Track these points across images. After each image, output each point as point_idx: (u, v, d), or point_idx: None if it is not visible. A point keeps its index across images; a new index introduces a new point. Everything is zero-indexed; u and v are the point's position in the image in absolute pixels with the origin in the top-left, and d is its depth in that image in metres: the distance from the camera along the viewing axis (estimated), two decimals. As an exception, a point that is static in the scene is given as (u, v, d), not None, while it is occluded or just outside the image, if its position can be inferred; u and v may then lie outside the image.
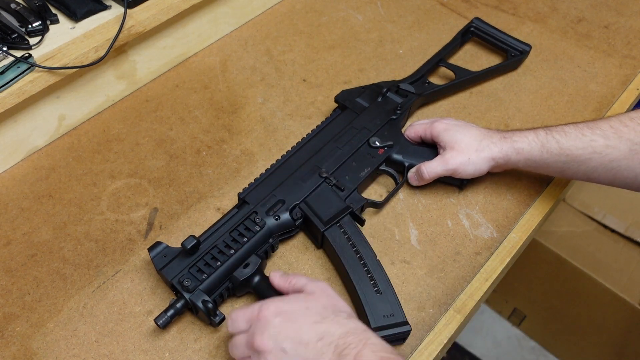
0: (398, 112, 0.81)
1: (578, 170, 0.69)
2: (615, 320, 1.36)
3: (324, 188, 0.72)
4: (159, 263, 0.64)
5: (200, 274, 0.63)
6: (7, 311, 0.66)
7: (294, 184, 0.72)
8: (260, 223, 0.68)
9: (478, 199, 0.78)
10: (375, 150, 0.77)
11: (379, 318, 0.62)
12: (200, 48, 0.97)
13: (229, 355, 0.63)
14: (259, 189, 0.72)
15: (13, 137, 0.78)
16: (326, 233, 0.68)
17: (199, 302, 0.61)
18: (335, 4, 1.05)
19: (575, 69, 0.95)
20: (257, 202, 0.70)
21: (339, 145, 0.77)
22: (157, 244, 0.65)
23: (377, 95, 0.83)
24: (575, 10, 1.05)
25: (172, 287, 0.64)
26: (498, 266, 0.71)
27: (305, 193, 0.71)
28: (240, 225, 0.67)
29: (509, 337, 1.64)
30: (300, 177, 0.73)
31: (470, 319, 0.69)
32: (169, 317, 0.61)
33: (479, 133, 0.73)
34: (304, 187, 0.72)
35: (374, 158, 0.77)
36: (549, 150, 0.69)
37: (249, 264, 0.65)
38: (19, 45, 0.75)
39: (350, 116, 0.81)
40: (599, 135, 0.66)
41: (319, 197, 0.71)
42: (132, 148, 0.83)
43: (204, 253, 0.65)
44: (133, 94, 0.90)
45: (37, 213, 0.75)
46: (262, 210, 0.69)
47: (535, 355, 1.61)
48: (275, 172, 0.74)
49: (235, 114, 0.88)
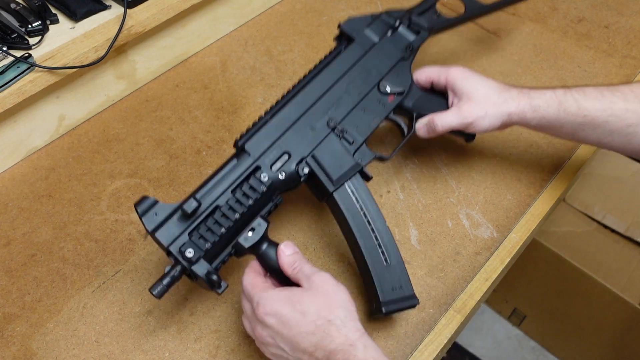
0: (409, 53, 0.73)
1: (592, 134, 0.66)
2: (615, 320, 1.36)
3: (332, 139, 0.64)
4: (150, 223, 0.56)
5: (202, 241, 0.56)
6: (7, 311, 0.66)
7: (301, 133, 0.63)
8: (266, 182, 0.59)
9: (478, 199, 0.78)
10: (386, 97, 0.69)
11: (388, 291, 0.60)
12: (200, 48, 0.96)
13: (229, 356, 0.63)
14: (261, 137, 0.62)
15: (13, 137, 0.78)
16: (335, 195, 0.62)
17: (203, 274, 0.55)
18: (335, 4, 1.04)
19: (575, 69, 0.95)
20: (259, 153, 0.61)
21: (347, 89, 0.68)
22: (145, 199, 0.56)
23: (388, 28, 0.74)
24: (575, 10, 1.05)
25: (169, 253, 0.57)
26: (498, 266, 0.71)
27: (313, 144, 0.63)
28: (244, 185, 0.59)
29: (509, 337, 1.64)
30: (307, 124, 0.64)
31: (470, 319, 0.69)
32: (165, 286, 0.55)
33: (497, 85, 0.69)
34: (311, 138, 0.63)
35: (384, 106, 0.69)
36: (566, 109, 0.65)
37: (254, 228, 0.59)
38: (18, 45, 0.75)
39: (357, 51, 0.71)
40: (619, 97, 0.64)
41: (327, 150, 0.63)
42: (132, 148, 0.83)
43: (203, 215, 0.57)
44: (133, 94, 0.90)
45: (37, 213, 0.75)
46: (266, 164, 0.61)
47: (535, 355, 1.61)
48: (277, 117, 0.64)
49: (235, 114, 0.88)
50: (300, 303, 0.53)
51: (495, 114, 0.68)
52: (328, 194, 0.63)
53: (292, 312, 0.53)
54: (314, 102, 0.66)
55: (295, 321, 0.53)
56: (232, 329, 0.65)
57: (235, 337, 0.65)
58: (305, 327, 0.52)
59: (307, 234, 0.74)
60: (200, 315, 0.66)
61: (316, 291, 0.55)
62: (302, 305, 0.53)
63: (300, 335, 0.52)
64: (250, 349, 0.64)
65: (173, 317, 0.66)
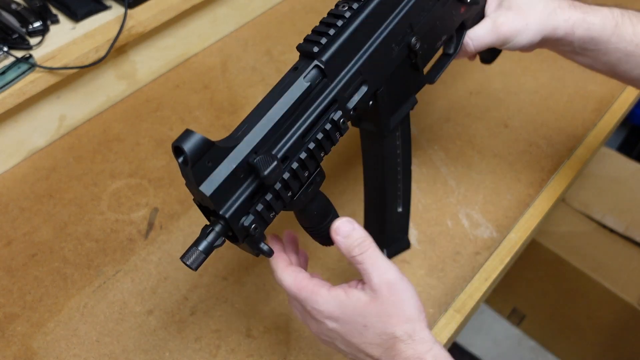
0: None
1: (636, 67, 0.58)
2: (614, 320, 1.36)
3: (405, 66, 0.51)
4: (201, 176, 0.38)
5: (268, 213, 0.42)
6: (7, 311, 0.66)
7: (382, 53, 0.48)
8: (344, 128, 0.45)
9: (478, 199, 0.78)
10: (459, 5, 0.55)
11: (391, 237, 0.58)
12: (200, 48, 0.97)
13: (229, 356, 0.63)
14: (341, 52, 0.45)
15: (14, 137, 0.78)
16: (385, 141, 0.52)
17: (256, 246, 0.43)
18: (335, 4, 1.04)
19: (575, 69, 0.95)
20: (337, 78, 0.45)
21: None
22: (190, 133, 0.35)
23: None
24: (574, 10, 1.05)
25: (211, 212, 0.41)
26: (498, 266, 0.71)
27: (389, 70, 0.49)
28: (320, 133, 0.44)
29: (509, 336, 1.64)
30: (392, 41, 0.48)
31: (470, 319, 0.69)
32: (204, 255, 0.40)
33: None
34: (389, 60, 0.49)
35: (454, 19, 0.55)
36: (620, 34, 0.57)
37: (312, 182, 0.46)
38: (19, 46, 0.75)
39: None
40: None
41: (398, 81, 0.50)
42: (133, 148, 0.83)
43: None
44: (133, 94, 0.90)
45: (38, 213, 0.75)
46: (343, 97, 0.45)
47: (535, 355, 1.61)
48: (356, 24, 0.47)
49: (235, 114, 0.88)
50: (364, 315, 0.46)
51: (539, 26, 0.56)
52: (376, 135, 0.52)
53: (354, 322, 0.46)
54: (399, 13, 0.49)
55: (357, 332, 0.46)
56: (232, 329, 0.66)
57: (235, 337, 0.65)
58: (369, 339, 0.46)
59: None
60: (201, 315, 0.66)
61: (383, 303, 0.46)
62: (365, 318, 0.46)
63: (364, 345, 0.47)
64: (250, 348, 0.64)
65: (173, 317, 0.66)
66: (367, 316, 0.46)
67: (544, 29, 0.57)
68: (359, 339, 0.46)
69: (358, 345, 0.47)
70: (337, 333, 0.47)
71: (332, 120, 0.44)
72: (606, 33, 0.57)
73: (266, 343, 0.64)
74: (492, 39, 0.57)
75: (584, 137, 0.85)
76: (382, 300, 0.45)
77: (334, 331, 0.47)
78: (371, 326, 0.46)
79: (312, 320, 0.49)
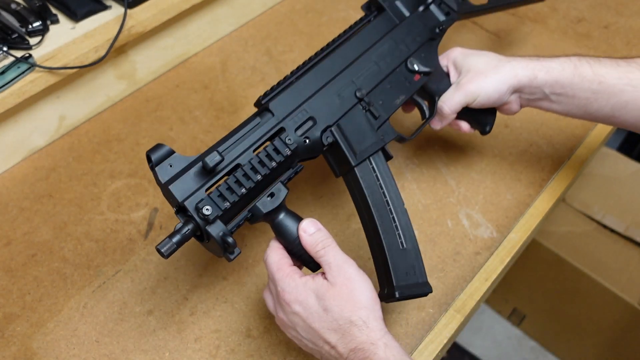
0: (438, 32, 0.72)
1: (606, 104, 0.63)
2: (614, 320, 1.36)
3: (358, 112, 0.62)
4: (164, 174, 0.52)
5: (221, 200, 0.52)
6: (7, 311, 0.66)
7: (328, 99, 0.60)
8: (291, 145, 0.56)
9: (478, 199, 0.78)
10: (412, 75, 0.67)
11: (402, 275, 0.58)
12: (200, 48, 0.97)
13: (229, 356, 0.63)
14: (286, 98, 0.59)
15: (13, 137, 0.78)
16: (357, 169, 0.60)
17: (217, 235, 0.51)
18: (335, 4, 1.05)
19: (575, 69, 0.95)
20: (284, 115, 0.58)
21: (376, 60, 0.65)
22: (160, 147, 0.52)
23: (419, 3, 0.73)
24: (575, 10, 1.05)
25: (181, 209, 0.53)
26: (498, 266, 0.71)
27: (339, 113, 0.60)
28: (268, 145, 0.56)
29: (509, 337, 1.64)
30: (335, 91, 0.61)
31: (470, 319, 0.69)
32: (175, 245, 0.50)
33: (499, 55, 0.67)
34: (337, 106, 0.61)
35: (410, 84, 0.67)
36: (581, 74, 0.62)
37: (274, 194, 0.56)
38: (19, 46, 0.75)
39: (388, 23, 0.69)
40: (635, 68, 0.62)
41: (352, 121, 0.61)
42: (133, 148, 0.83)
43: (223, 172, 0.54)
44: (133, 94, 0.90)
45: (38, 213, 0.75)
46: (291, 127, 0.58)
47: (535, 355, 1.61)
48: (304, 78, 0.61)
49: (235, 114, 0.88)
50: (324, 299, 0.52)
51: (499, 76, 0.64)
52: (349, 168, 0.60)
53: (316, 305, 0.52)
54: (343, 68, 0.63)
55: (318, 315, 0.52)
56: (232, 329, 0.65)
57: (235, 337, 0.65)
58: (328, 324, 0.51)
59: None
60: (200, 315, 0.66)
61: (340, 289, 0.52)
62: (326, 301, 0.52)
63: (323, 330, 0.52)
64: (250, 348, 0.64)
65: (173, 317, 0.66)
66: (327, 299, 0.51)
67: (506, 78, 0.64)
68: (318, 323, 0.52)
69: (318, 330, 0.52)
70: (300, 317, 0.52)
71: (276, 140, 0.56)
72: (567, 74, 0.63)
73: (266, 343, 0.64)
74: (460, 97, 0.66)
75: (584, 137, 0.85)
76: (340, 287, 0.52)
77: (298, 315, 0.52)
78: (330, 310, 0.51)
79: (279, 306, 0.54)
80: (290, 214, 0.57)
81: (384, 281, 0.60)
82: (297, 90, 0.60)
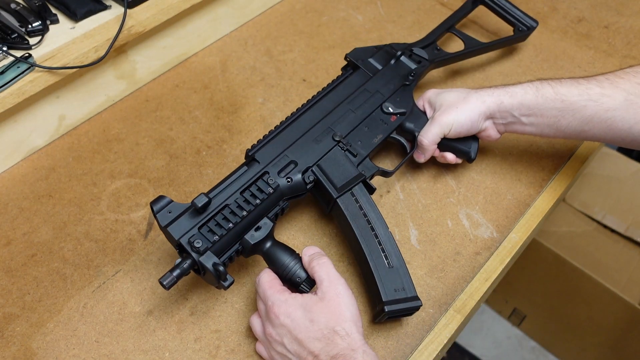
0: (411, 79, 0.79)
1: (573, 120, 0.67)
2: (615, 320, 1.36)
3: (337, 152, 0.70)
4: (163, 219, 0.61)
5: (211, 234, 0.60)
6: (7, 311, 0.66)
7: (307, 145, 0.69)
8: (273, 185, 0.65)
9: (478, 199, 0.78)
10: (388, 116, 0.75)
11: (390, 291, 0.62)
12: (200, 48, 0.97)
13: (229, 356, 0.63)
14: (270, 148, 0.68)
15: (13, 137, 0.78)
16: (339, 200, 0.67)
17: (209, 264, 0.58)
18: (335, 4, 1.05)
19: (575, 69, 0.95)
20: (268, 161, 0.67)
21: (352, 108, 0.74)
22: (161, 198, 0.61)
23: (391, 57, 0.81)
24: (575, 10, 1.05)
25: (179, 246, 0.61)
26: (498, 266, 0.71)
27: (319, 156, 0.69)
28: (253, 186, 0.65)
29: (509, 337, 1.64)
30: (312, 138, 0.70)
31: (470, 319, 0.69)
32: (175, 278, 0.58)
33: (468, 89, 0.73)
34: (316, 149, 0.69)
35: (387, 125, 0.74)
36: (544, 95, 0.68)
37: (261, 227, 0.63)
38: (18, 45, 0.75)
39: (362, 77, 0.78)
40: (594, 84, 0.66)
41: (332, 161, 0.69)
42: (132, 148, 0.83)
43: (214, 212, 0.62)
44: (133, 94, 0.90)
45: (37, 213, 0.75)
46: (273, 170, 0.66)
47: (535, 355, 1.61)
48: (286, 131, 0.70)
49: (235, 114, 0.88)
50: (312, 311, 0.57)
51: (469, 105, 0.71)
52: (332, 200, 0.67)
53: (304, 317, 0.57)
54: (320, 119, 0.72)
55: (304, 326, 0.56)
56: (232, 329, 0.65)
57: (235, 337, 0.65)
58: (313, 334, 0.56)
59: (307, 233, 0.74)
60: (200, 315, 0.66)
61: (328, 302, 0.57)
62: (313, 313, 0.57)
63: (308, 339, 0.56)
64: (250, 348, 0.64)
65: (173, 317, 0.66)
66: (314, 312, 0.57)
67: (475, 106, 0.70)
68: (304, 333, 0.56)
69: (303, 340, 0.56)
70: (287, 329, 0.57)
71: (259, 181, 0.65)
72: (530, 97, 0.69)
73: (266, 343, 0.64)
74: (435, 129, 0.72)
75: (584, 137, 0.85)
76: (328, 300, 0.57)
77: (285, 327, 0.57)
78: (316, 321, 0.56)
79: (268, 321, 0.59)
80: (278, 244, 0.64)
81: (375, 301, 0.65)
82: (279, 140, 0.69)
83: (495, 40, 0.91)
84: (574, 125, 0.68)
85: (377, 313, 0.64)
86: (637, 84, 0.64)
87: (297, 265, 0.62)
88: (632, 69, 0.66)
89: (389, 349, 0.64)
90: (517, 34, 0.93)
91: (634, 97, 0.64)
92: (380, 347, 0.64)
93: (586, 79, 0.67)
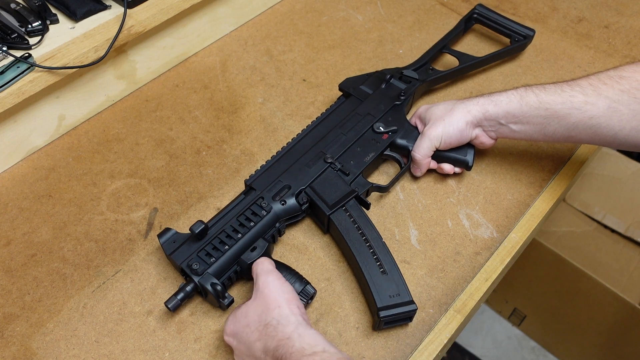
0: (402, 98, 0.82)
1: (559, 127, 0.68)
2: (615, 320, 1.36)
3: (330, 173, 0.73)
4: (168, 248, 0.66)
5: (208, 257, 0.65)
6: (7, 311, 0.66)
7: (300, 170, 0.73)
8: (266, 208, 0.69)
9: (478, 199, 0.78)
10: (380, 135, 0.78)
11: (385, 298, 0.63)
12: (200, 48, 0.97)
13: (229, 356, 0.63)
14: (265, 176, 0.73)
15: (13, 137, 0.78)
16: (332, 217, 0.69)
17: (208, 285, 0.62)
18: (335, 4, 1.04)
19: (575, 69, 0.95)
20: (264, 187, 0.71)
21: (344, 131, 0.78)
22: (167, 230, 0.67)
23: (381, 82, 0.84)
24: (575, 10, 1.05)
25: (182, 271, 0.66)
26: (498, 266, 0.71)
27: (311, 178, 0.72)
28: (247, 210, 0.69)
29: (509, 337, 1.64)
30: (305, 163, 0.74)
31: (470, 319, 0.69)
32: (179, 300, 0.63)
33: (455, 100, 0.75)
34: (309, 173, 0.73)
35: (378, 143, 0.77)
36: (528, 103, 0.68)
37: (256, 247, 0.67)
38: (18, 45, 0.75)
39: (354, 103, 0.81)
40: (577, 92, 0.66)
41: (325, 182, 0.72)
42: (132, 148, 0.83)
43: (212, 237, 0.66)
44: (133, 93, 0.90)
45: (37, 213, 0.75)
46: (268, 195, 0.70)
47: (535, 355, 1.61)
48: (281, 159, 0.75)
49: (235, 114, 0.88)
50: (245, 316, 0.59)
51: (454, 117, 0.73)
52: (326, 217, 0.70)
53: (240, 327, 0.58)
54: (313, 145, 0.76)
55: (245, 334, 0.58)
56: (232, 329, 0.65)
57: (235, 337, 0.65)
58: (252, 336, 0.57)
59: (307, 234, 0.74)
60: (200, 315, 0.66)
61: (260, 297, 0.59)
62: (247, 317, 0.58)
63: (252, 345, 0.57)
64: (250, 349, 0.64)
65: (173, 317, 0.66)
66: (249, 314, 0.58)
67: (461, 116, 0.72)
68: (246, 340, 0.57)
69: (249, 346, 0.57)
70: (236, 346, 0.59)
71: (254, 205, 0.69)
72: (514, 105, 0.69)
73: (266, 343, 0.64)
74: (426, 143, 0.74)
75: (584, 136, 0.84)
76: (260, 294, 0.59)
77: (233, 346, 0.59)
78: (250, 323, 0.57)
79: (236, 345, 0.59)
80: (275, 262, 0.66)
81: (373, 308, 0.65)
82: (275, 169, 0.73)
83: (491, 53, 0.92)
84: (560, 131, 0.68)
85: (375, 321, 0.64)
86: (620, 90, 0.64)
87: (293, 279, 0.64)
88: (616, 72, 0.66)
89: (389, 349, 0.64)
90: (514, 44, 0.93)
91: (617, 105, 0.64)
92: (380, 347, 0.64)
93: (570, 85, 0.67)
